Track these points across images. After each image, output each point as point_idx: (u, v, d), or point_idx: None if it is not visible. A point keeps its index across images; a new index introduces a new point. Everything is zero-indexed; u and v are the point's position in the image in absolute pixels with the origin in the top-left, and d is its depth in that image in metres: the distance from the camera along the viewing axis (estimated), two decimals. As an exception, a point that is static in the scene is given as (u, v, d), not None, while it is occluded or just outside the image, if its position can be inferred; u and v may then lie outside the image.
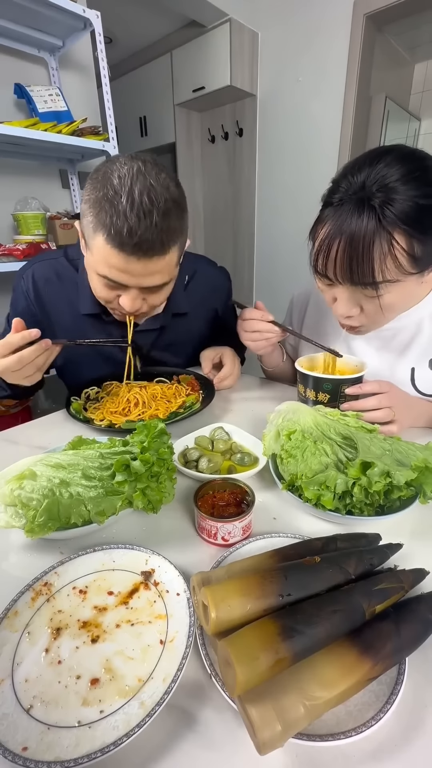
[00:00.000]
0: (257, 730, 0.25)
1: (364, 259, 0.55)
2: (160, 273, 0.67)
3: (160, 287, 0.70)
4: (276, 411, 0.58)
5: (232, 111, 2.76)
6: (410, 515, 0.47)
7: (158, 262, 0.65)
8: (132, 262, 0.63)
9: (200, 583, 0.34)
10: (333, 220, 0.57)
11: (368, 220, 0.53)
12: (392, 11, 2.00)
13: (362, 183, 0.55)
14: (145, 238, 0.60)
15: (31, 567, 0.43)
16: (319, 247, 0.60)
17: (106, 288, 0.70)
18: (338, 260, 0.58)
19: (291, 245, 2.69)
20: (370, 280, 0.57)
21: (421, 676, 0.32)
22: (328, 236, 0.58)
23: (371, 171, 0.54)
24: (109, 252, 0.62)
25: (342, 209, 0.56)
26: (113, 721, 0.29)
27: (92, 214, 0.62)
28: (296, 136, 2.47)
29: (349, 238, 0.55)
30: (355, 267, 0.56)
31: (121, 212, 0.59)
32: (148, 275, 0.66)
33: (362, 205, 0.54)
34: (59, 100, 1.59)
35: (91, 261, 0.68)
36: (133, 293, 0.69)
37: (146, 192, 0.59)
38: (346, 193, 0.56)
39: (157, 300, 0.74)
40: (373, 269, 0.56)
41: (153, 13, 2.47)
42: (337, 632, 0.30)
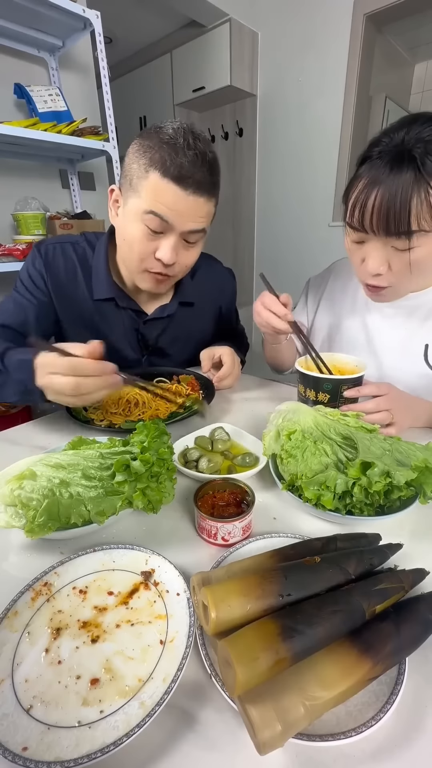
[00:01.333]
0: (257, 730, 0.25)
1: (401, 206, 0.56)
2: (203, 219, 0.73)
3: (194, 242, 0.76)
4: (276, 411, 0.58)
5: (232, 111, 2.76)
6: (410, 515, 0.47)
7: (204, 205, 0.72)
8: (183, 198, 0.68)
9: (200, 583, 0.34)
10: (371, 172, 0.59)
11: (408, 170, 0.55)
12: (392, 11, 2.00)
13: (401, 139, 0.57)
14: (200, 175, 0.68)
15: (31, 567, 0.43)
16: (356, 198, 0.61)
17: (146, 239, 0.73)
18: (375, 209, 0.59)
19: (291, 245, 2.69)
20: (405, 228, 0.58)
21: (421, 676, 0.32)
22: (367, 186, 0.59)
23: (409, 129, 0.56)
24: (165, 187, 0.67)
25: (381, 161, 0.58)
26: (113, 721, 0.29)
27: (146, 157, 0.67)
28: (296, 136, 2.47)
29: (387, 186, 0.57)
30: (392, 215, 0.57)
31: (180, 150, 0.66)
32: (194, 217, 0.71)
33: (402, 156, 0.56)
34: (59, 100, 1.59)
35: (136, 206, 0.71)
36: (172, 241, 0.73)
37: (200, 140, 0.69)
38: (386, 147, 0.58)
39: (188, 258, 0.79)
40: (410, 217, 0.57)
41: (153, 13, 2.47)
42: (337, 632, 0.30)
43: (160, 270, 0.77)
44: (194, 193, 0.68)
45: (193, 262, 0.81)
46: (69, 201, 1.90)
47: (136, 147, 0.70)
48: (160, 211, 0.69)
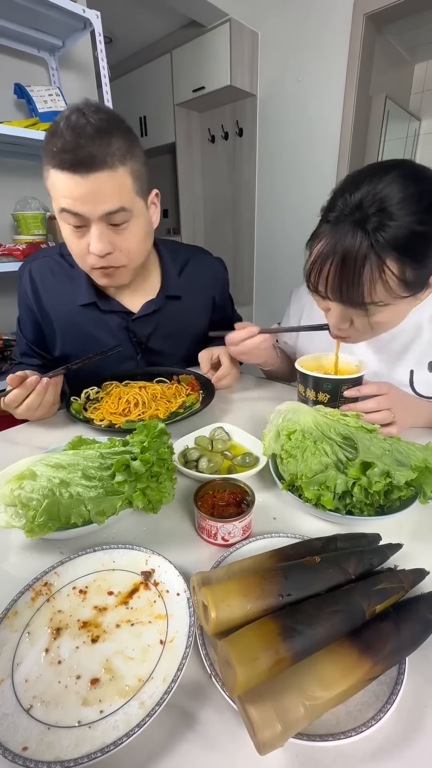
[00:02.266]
0: (257, 730, 0.25)
1: (354, 281, 0.55)
2: (112, 195, 0.66)
3: (121, 223, 0.70)
4: (276, 411, 0.58)
5: (232, 111, 2.76)
6: (410, 515, 0.47)
7: (105, 181, 0.64)
8: (79, 182, 0.63)
9: (200, 583, 0.34)
10: (327, 238, 0.57)
11: (360, 243, 0.53)
12: (392, 11, 2.00)
13: (359, 202, 0.54)
14: (82, 151, 0.61)
15: (31, 567, 0.43)
16: (312, 264, 0.60)
17: (75, 236, 0.71)
18: (329, 279, 0.58)
19: (291, 244, 2.69)
20: (359, 301, 0.57)
21: (421, 676, 0.32)
22: (321, 255, 0.58)
23: (371, 189, 0.53)
24: (58, 179, 0.64)
25: (337, 228, 0.56)
26: (113, 721, 0.29)
27: (44, 156, 0.65)
28: (296, 136, 2.47)
29: (340, 259, 0.55)
30: (345, 288, 0.56)
31: (59, 135, 0.62)
32: (100, 197, 0.65)
33: (356, 227, 0.53)
34: (59, 100, 1.59)
35: (55, 208, 0.69)
36: (97, 231, 0.68)
37: (80, 114, 0.63)
38: (341, 212, 0.56)
39: (127, 242, 0.73)
40: (363, 292, 0.56)
41: (153, 13, 2.47)
42: (337, 632, 0.30)
43: (102, 264, 0.74)
44: (87, 171, 0.63)
45: (136, 245, 0.76)
46: (69, 201, 1.90)
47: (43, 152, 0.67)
48: (67, 205, 0.66)
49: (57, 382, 0.74)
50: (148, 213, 0.79)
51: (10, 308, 0.96)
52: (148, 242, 0.81)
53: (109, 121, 0.65)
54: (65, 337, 0.91)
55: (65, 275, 0.88)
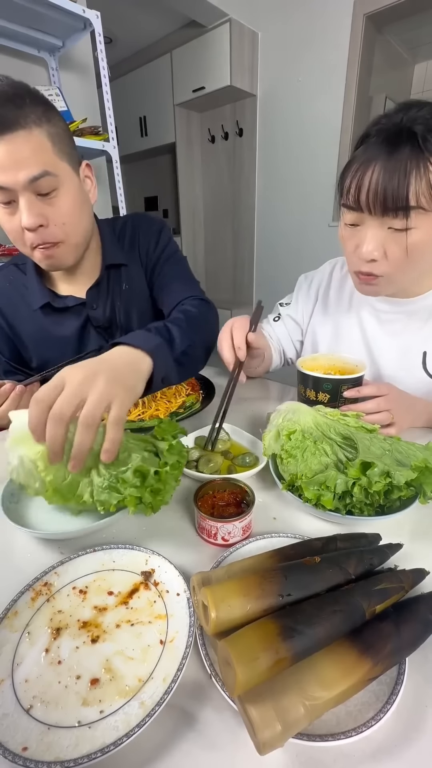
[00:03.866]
0: (257, 730, 0.25)
1: (399, 181, 0.55)
2: (31, 158, 0.63)
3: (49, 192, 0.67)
4: (276, 411, 0.58)
5: (232, 111, 2.77)
6: (410, 515, 0.47)
7: (22, 143, 0.62)
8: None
9: (200, 583, 0.34)
10: (368, 151, 0.57)
11: (407, 145, 0.54)
12: (392, 11, 2.00)
13: (400, 119, 0.56)
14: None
15: (31, 567, 0.43)
16: (353, 176, 0.59)
17: (6, 216, 0.67)
18: (372, 185, 0.57)
19: (291, 245, 2.69)
20: (403, 204, 0.56)
21: (420, 676, 0.32)
22: (363, 163, 0.58)
23: (407, 111, 0.56)
24: None
25: (379, 139, 0.57)
26: (113, 721, 0.29)
27: None
28: (296, 137, 2.47)
29: (385, 162, 0.55)
30: (389, 190, 0.56)
31: None
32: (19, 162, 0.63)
33: (401, 133, 0.55)
34: (59, 100, 1.59)
35: None
36: (25, 201, 0.65)
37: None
38: (384, 126, 0.57)
39: (59, 214, 0.70)
40: (408, 192, 0.55)
41: (153, 13, 2.47)
42: (337, 632, 0.30)
43: (38, 240, 0.70)
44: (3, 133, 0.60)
45: (69, 216, 0.71)
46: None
47: None
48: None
49: (32, 390, 0.73)
50: (80, 183, 0.74)
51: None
52: (85, 216, 0.76)
53: (19, 87, 0.64)
54: (36, 346, 0.89)
55: (21, 284, 0.86)
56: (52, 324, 0.86)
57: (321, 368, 0.72)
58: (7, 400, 0.69)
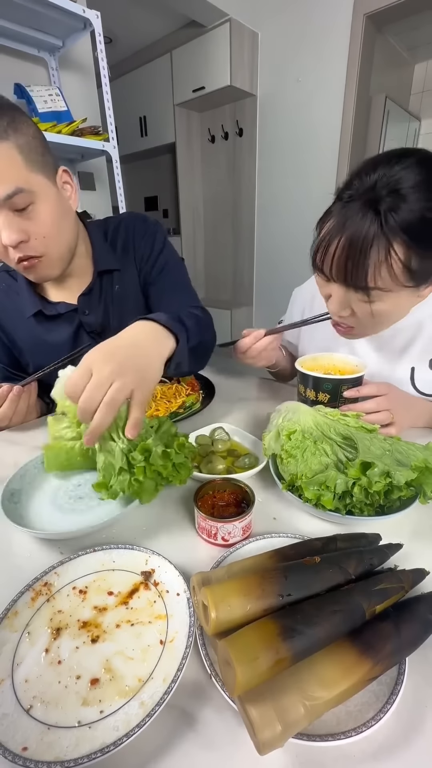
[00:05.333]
0: (257, 730, 0.25)
1: (359, 262, 0.55)
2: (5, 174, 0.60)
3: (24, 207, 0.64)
4: (276, 411, 0.58)
5: (232, 111, 2.77)
6: (410, 515, 0.47)
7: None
8: None
9: (200, 583, 0.34)
10: (338, 217, 0.57)
11: (371, 223, 0.53)
12: (392, 11, 2.00)
13: (374, 183, 0.54)
14: None
15: (31, 567, 0.43)
16: (320, 242, 0.60)
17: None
18: (335, 258, 0.57)
19: (291, 245, 2.69)
20: (363, 284, 0.57)
21: (420, 677, 0.32)
22: (330, 232, 0.57)
23: (387, 171, 0.53)
24: None
25: (348, 207, 0.56)
26: (113, 721, 0.29)
27: None
28: (296, 136, 2.47)
29: (349, 237, 0.55)
30: (350, 268, 0.56)
31: None
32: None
33: (368, 206, 0.53)
34: (59, 100, 1.59)
35: None
36: (2, 219, 0.63)
37: None
38: (356, 191, 0.56)
39: (39, 227, 0.67)
40: (367, 274, 0.55)
41: (153, 13, 2.47)
42: (337, 632, 0.30)
43: (19, 255, 0.68)
44: None
45: (50, 229, 0.69)
46: (69, 201, 1.90)
47: None
48: None
49: (29, 391, 0.75)
50: (58, 192, 0.71)
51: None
52: (66, 226, 0.73)
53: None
54: (31, 353, 0.89)
55: (13, 291, 0.85)
56: (45, 331, 0.85)
57: (321, 368, 0.72)
58: (6, 402, 0.70)
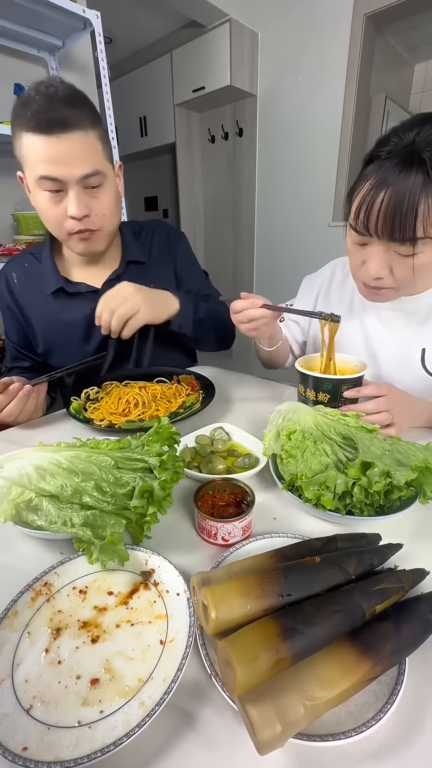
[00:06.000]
0: (257, 730, 0.25)
1: (408, 211, 0.55)
2: (86, 157, 0.72)
3: (96, 186, 0.75)
4: (276, 411, 0.58)
5: (232, 111, 2.76)
6: (410, 515, 0.47)
7: (79, 142, 0.70)
8: (55, 144, 0.68)
9: (200, 583, 0.34)
10: (379, 173, 0.57)
11: (417, 173, 0.54)
12: (392, 11, 2.00)
13: (412, 139, 0.55)
14: (56, 113, 0.67)
15: (31, 567, 0.43)
16: (362, 199, 0.59)
17: (52, 202, 0.74)
18: (381, 212, 0.57)
19: (291, 245, 2.69)
20: (410, 235, 0.56)
21: (420, 677, 0.32)
22: (373, 187, 0.57)
23: (420, 130, 0.55)
24: (34, 143, 0.68)
25: (390, 162, 0.56)
26: (113, 721, 0.29)
27: (16, 126, 0.69)
28: (296, 136, 2.47)
29: (395, 190, 0.55)
30: (398, 220, 0.56)
31: (31, 101, 0.67)
32: (76, 159, 0.70)
33: (412, 159, 0.54)
34: (59, 100, 1.59)
35: (29, 177, 0.73)
36: (74, 193, 0.73)
37: (52, 84, 0.69)
38: (395, 147, 0.56)
39: (102, 206, 0.78)
40: (416, 223, 0.55)
41: (153, 13, 2.47)
42: (337, 632, 0.30)
43: (80, 227, 0.77)
44: (61, 132, 0.68)
45: (109, 209, 0.80)
46: (69, 201, 1.90)
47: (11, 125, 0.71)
48: (44, 170, 0.70)
49: (39, 390, 0.76)
50: (115, 180, 0.83)
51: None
52: (119, 210, 0.84)
53: (76, 91, 0.71)
54: (44, 331, 0.93)
55: (35, 270, 0.92)
56: (62, 309, 0.90)
57: (318, 368, 0.72)
58: (15, 400, 0.71)
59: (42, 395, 0.78)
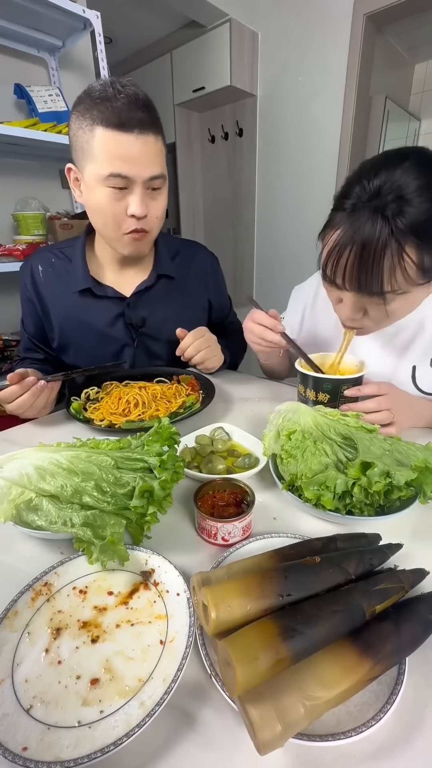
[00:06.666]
0: (257, 730, 0.25)
1: (373, 269, 0.55)
2: (156, 159, 0.74)
3: (158, 188, 0.77)
4: (276, 411, 0.58)
5: (232, 111, 2.76)
6: (410, 515, 0.47)
7: (154, 144, 0.73)
8: (132, 142, 0.70)
9: (200, 583, 0.34)
10: (345, 227, 0.56)
11: (380, 230, 0.53)
12: (392, 11, 1.99)
13: (377, 190, 0.53)
14: (140, 114, 0.69)
15: (31, 567, 0.43)
16: (329, 254, 0.59)
17: (114, 199, 0.74)
18: (347, 268, 0.57)
19: (291, 244, 2.69)
20: (378, 290, 0.56)
21: (421, 676, 0.32)
22: (339, 243, 0.57)
23: (388, 177, 0.53)
24: (112, 137, 0.69)
25: (354, 216, 0.55)
26: (113, 721, 0.29)
27: (87, 119, 0.69)
28: (296, 136, 2.47)
29: (360, 247, 0.55)
30: (363, 277, 0.56)
31: (112, 98, 0.68)
32: (149, 159, 0.72)
33: (375, 214, 0.53)
34: (59, 101, 1.59)
35: (94, 171, 0.72)
36: (139, 193, 0.74)
37: (128, 85, 0.70)
38: (359, 200, 0.55)
39: (157, 209, 0.80)
40: (382, 280, 0.55)
41: (153, 13, 2.47)
42: (337, 632, 0.30)
43: (136, 227, 0.78)
44: (141, 132, 0.70)
45: (162, 211, 0.82)
46: (69, 201, 1.90)
47: (75, 116, 0.72)
48: (116, 167, 0.70)
49: (53, 387, 0.76)
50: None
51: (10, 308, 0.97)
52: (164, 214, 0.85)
53: (148, 96, 0.73)
54: (62, 327, 0.93)
55: (63, 267, 0.92)
56: (86, 308, 0.91)
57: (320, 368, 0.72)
58: (27, 393, 0.71)
59: (54, 393, 0.77)
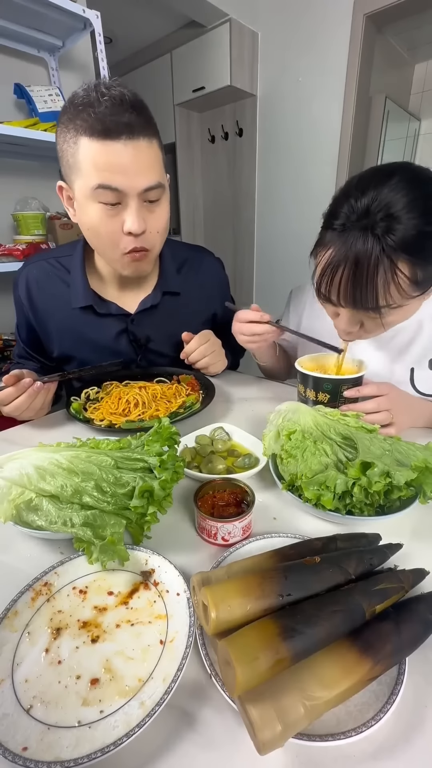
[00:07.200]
0: (257, 730, 0.25)
1: (367, 287, 0.55)
2: (150, 168, 0.66)
3: (156, 200, 0.69)
4: (276, 411, 0.58)
5: (232, 111, 2.76)
6: (410, 515, 0.47)
7: (146, 150, 0.65)
8: (120, 150, 0.62)
9: (200, 583, 0.34)
10: (336, 246, 0.57)
11: (372, 248, 0.53)
12: (392, 11, 1.99)
13: (366, 209, 0.53)
14: (126, 117, 0.61)
15: (31, 567, 0.43)
16: (323, 273, 0.59)
17: (107, 216, 0.67)
18: (342, 287, 0.58)
19: (291, 245, 2.69)
20: (373, 305, 0.57)
21: (421, 676, 0.32)
22: (332, 262, 0.57)
23: (376, 195, 0.53)
24: (97, 148, 0.62)
25: (345, 236, 0.55)
26: (113, 721, 0.29)
27: (71, 130, 0.63)
28: (296, 136, 2.47)
29: (352, 266, 0.55)
30: (358, 295, 0.57)
31: (95, 103, 0.60)
32: (141, 168, 0.64)
33: (366, 233, 0.53)
34: (59, 101, 1.59)
35: (82, 186, 0.66)
36: (134, 207, 0.66)
37: (113, 87, 0.62)
38: (348, 219, 0.55)
39: (157, 222, 0.72)
40: (377, 296, 0.56)
41: (153, 13, 2.47)
42: (337, 632, 0.30)
43: (135, 245, 0.71)
44: (130, 138, 0.62)
45: (164, 225, 0.74)
46: (69, 201, 1.90)
47: (60, 128, 0.65)
48: (104, 179, 0.63)
49: (49, 388, 0.74)
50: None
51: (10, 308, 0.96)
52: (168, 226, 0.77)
53: (139, 97, 0.65)
54: (62, 340, 0.90)
55: (60, 279, 0.87)
56: (87, 324, 0.87)
57: (321, 368, 0.72)
58: (24, 395, 0.69)
59: (51, 394, 0.76)
